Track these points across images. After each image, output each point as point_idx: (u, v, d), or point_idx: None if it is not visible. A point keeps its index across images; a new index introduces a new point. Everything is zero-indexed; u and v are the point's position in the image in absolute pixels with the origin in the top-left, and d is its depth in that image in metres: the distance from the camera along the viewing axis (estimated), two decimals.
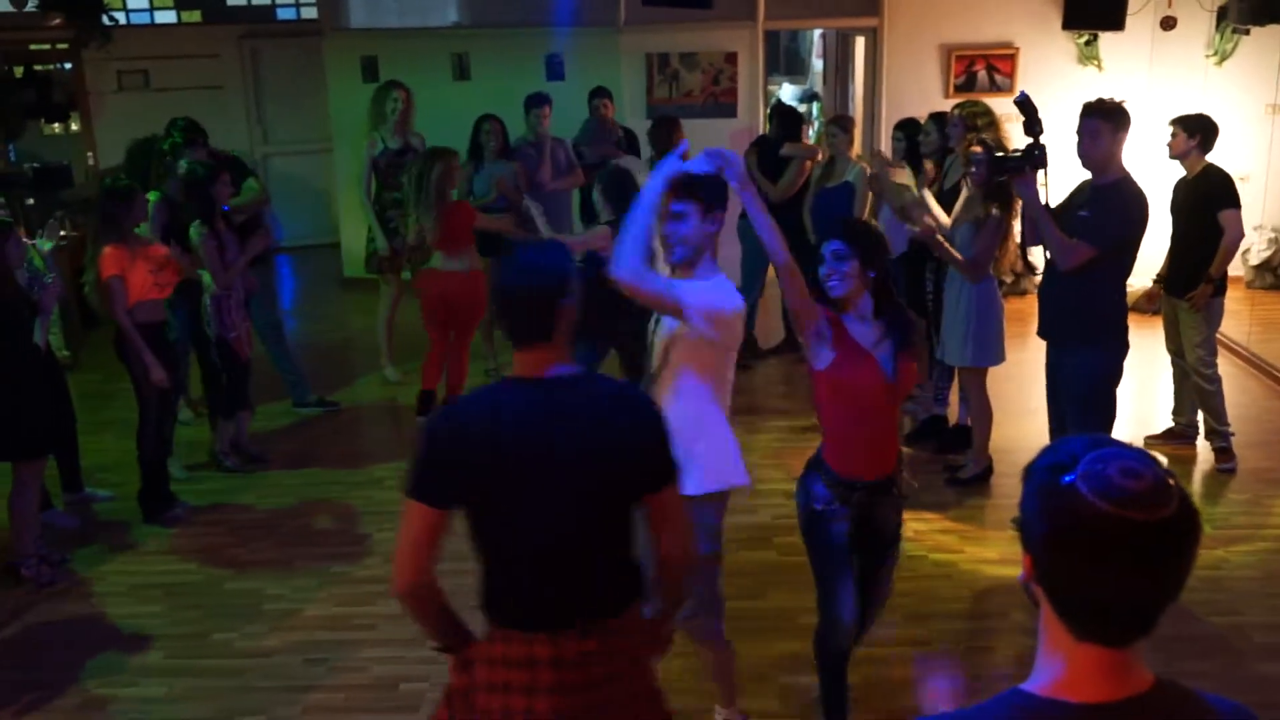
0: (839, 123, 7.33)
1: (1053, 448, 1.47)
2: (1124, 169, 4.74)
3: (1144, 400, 7.05)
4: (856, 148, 7.45)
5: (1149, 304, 7.86)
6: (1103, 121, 4.64)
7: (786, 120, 7.89)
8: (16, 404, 4.99)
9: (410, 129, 7.72)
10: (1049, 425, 5.16)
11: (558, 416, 2.37)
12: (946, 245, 5.59)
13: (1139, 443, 5.76)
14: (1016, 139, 5.47)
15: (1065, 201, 4.95)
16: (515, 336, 2.44)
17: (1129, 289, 5.16)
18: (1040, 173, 4.75)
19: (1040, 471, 1.44)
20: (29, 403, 5.05)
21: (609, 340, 5.81)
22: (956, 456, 6.09)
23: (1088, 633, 1.42)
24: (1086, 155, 4.71)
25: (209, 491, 6.08)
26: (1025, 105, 4.74)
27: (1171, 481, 1.38)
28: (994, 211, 5.46)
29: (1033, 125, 4.73)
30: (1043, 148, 4.71)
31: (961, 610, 4.80)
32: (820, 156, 7.62)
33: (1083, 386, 4.88)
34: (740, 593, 4.85)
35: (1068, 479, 1.39)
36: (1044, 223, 4.76)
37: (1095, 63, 9.28)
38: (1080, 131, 4.69)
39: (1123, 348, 4.88)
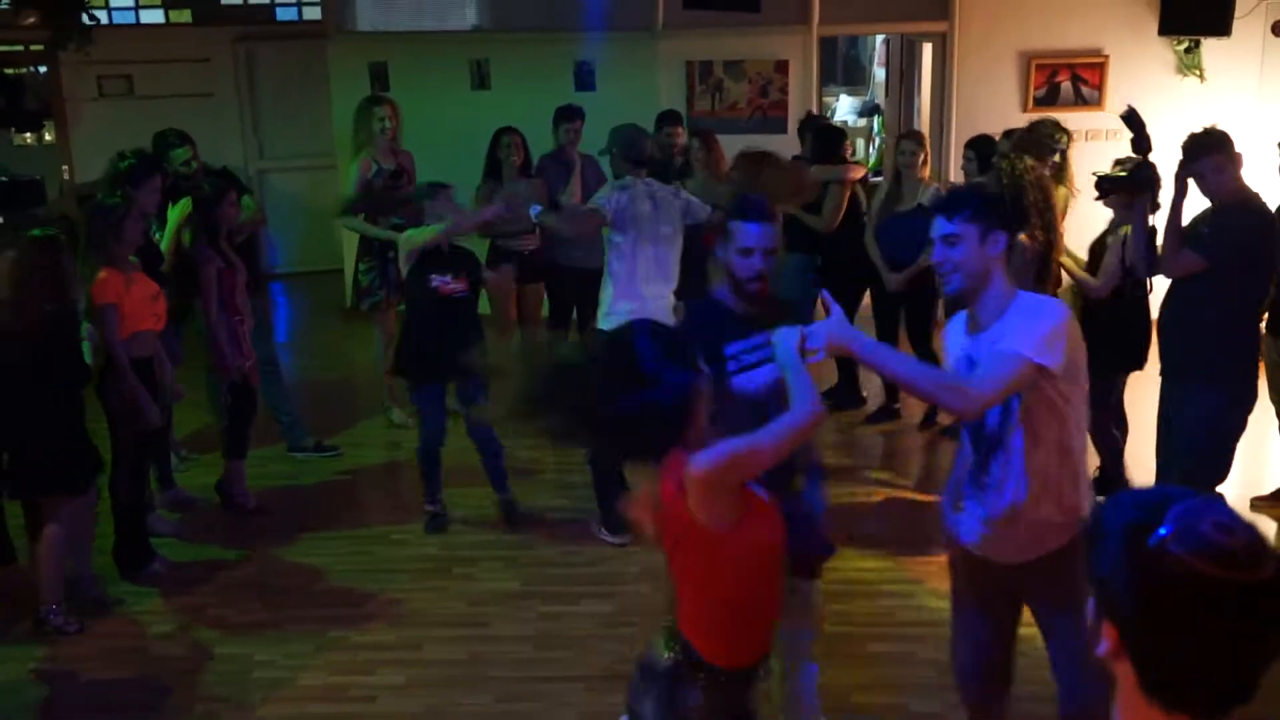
0: (915, 138, 7.40)
1: (1127, 503, 1.50)
2: (1246, 188, 4.89)
3: (1249, 456, 6.98)
4: (927, 168, 7.49)
5: None
6: (1219, 155, 4.77)
7: (823, 137, 7.78)
8: (73, 426, 5.22)
9: (400, 147, 7.68)
10: (1156, 479, 5.17)
11: None
12: None
13: (1244, 505, 5.75)
14: (1096, 159, 5.52)
15: (1189, 227, 5.02)
16: None
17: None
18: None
19: (1121, 530, 1.46)
20: (81, 427, 5.28)
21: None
22: None
23: (1178, 703, 1.45)
24: (1216, 195, 4.85)
25: (192, 546, 6.15)
26: (1132, 120, 4.87)
27: (1264, 540, 1.42)
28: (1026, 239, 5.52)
29: (1141, 142, 4.83)
30: (1153, 165, 4.82)
31: (1036, 692, 4.76)
32: (854, 174, 7.55)
33: (1198, 433, 4.89)
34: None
35: (1155, 537, 1.41)
36: (1138, 235, 4.93)
37: (1197, 72, 9.25)
38: (1200, 174, 4.79)
39: (1249, 394, 4.90)
